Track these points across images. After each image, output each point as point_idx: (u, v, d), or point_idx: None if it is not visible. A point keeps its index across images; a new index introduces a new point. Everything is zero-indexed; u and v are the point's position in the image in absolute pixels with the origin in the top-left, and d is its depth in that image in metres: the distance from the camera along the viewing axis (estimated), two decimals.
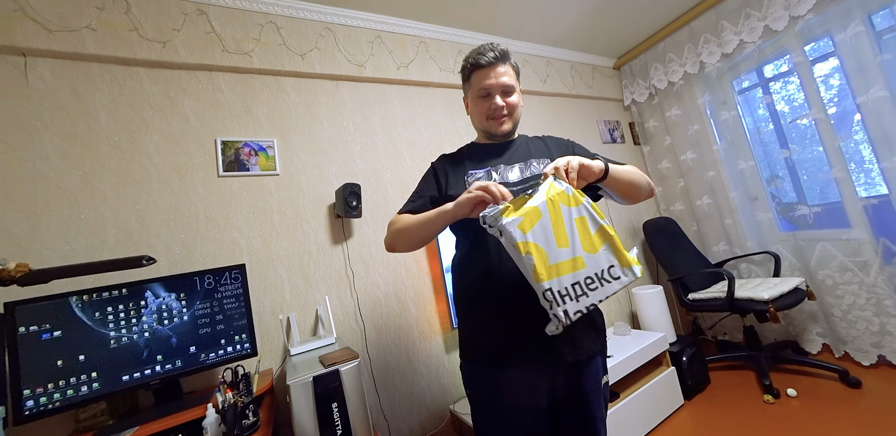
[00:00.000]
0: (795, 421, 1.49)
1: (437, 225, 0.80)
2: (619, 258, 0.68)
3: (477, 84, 0.88)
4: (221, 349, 1.18)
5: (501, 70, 0.86)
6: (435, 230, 0.83)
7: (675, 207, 2.67)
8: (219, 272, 1.22)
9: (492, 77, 0.85)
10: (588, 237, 0.67)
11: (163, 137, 1.38)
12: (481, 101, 0.89)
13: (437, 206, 0.82)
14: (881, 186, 1.75)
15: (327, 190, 1.64)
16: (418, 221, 0.83)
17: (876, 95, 1.67)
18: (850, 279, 1.85)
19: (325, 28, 1.75)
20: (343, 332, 1.53)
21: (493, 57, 0.85)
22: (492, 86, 0.86)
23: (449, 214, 0.76)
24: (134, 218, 1.29)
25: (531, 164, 0.89)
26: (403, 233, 0.87)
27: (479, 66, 0.86)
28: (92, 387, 0.99)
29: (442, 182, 0.92)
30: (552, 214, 0.65)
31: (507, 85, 0.86)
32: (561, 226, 0.66)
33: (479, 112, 0.90)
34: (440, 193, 0.91)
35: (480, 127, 0.95)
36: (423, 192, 0.93)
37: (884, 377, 1.69)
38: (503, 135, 0.93)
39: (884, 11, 1.70)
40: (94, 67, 1.32)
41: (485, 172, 0.89)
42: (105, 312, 1.05)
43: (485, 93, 0.87)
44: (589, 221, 0.68)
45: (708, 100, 2.36)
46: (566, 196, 0.68)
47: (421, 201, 0.91)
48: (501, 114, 0.89)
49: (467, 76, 0.90)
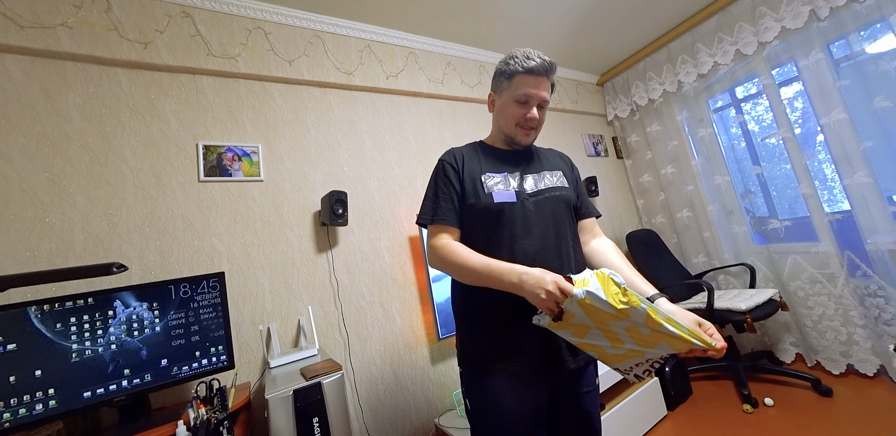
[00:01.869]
0: (773, 431, 1.52)
1: (490, 284, 0.75)
2: (678, 347, 0.66)
3: (519, 88, 0.85)
4: (196, 362, 1.11)
5: (546, 84, 0.86)
6: (486, 284, 0.77)
7: (657, 219, 2.75)
8: (195, 281, 1.17)
9: (538, 87, 0.85)
10: (643, 337, 0.67)
11: (140, 139, 1.33)
12: (516, 106, 0.87)
13: (460, 203, 0.85)
14: (843, 203, 1.85)
15: (313, 197, 1.61)
16: (475, 269, 0.77)
17: (836, 118, 1.78)
18: (820, 291, 1.93)
19: (315, 36, 1.75)
20: (326, 343, 1.48)
21: (543, 66, 0.84)
22: (535, 95, 0.85)
23: (507, 287, 0.72)
24: (105, 223, 1.22)
25: (545, 176, 0.91)
26: (453, 269, 0.82)
27: (528, 70, 0.84)
28: (48, 405, 0.92)
29: (458, 179, 0.89)
30: (597, 323, 0.67)
31: (545, 100, 0.86)
32: (613, 334, 0.68)
33: (511, 115, 0.88)
34: (459, 191, 0.88)
35: (505, 130, 0.91)
36: (448, 193, 0.88)
37: (852, 386, 1.76)
38: (523, 145, 0.93)
39: (840, 42, 1.83)
40: (69, 66, 1.27)
41: (502, 176, 0.88)
42: (67, 323, 0.98)
43: (524, 99, 0.85)
44: (641, 329, 0.66)
45: (686, 117, 2.47)
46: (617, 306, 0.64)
47: (448, 205, 0.86)
48: (533, 125, 0.88)
49: (510, 76, 0.86)
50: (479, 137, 1.05)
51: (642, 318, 0.64)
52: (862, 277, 1.80)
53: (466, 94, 2.19)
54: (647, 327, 0.65)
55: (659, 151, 2.64)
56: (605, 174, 2.81)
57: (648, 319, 0.63)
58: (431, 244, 0.85)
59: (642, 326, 0.65)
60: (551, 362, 0.78)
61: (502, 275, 0.72)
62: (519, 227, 0.82)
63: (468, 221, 0.86)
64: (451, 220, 0.85)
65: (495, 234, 0.82)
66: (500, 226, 0.82)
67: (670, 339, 0.64)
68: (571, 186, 0.94)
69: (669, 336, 0.64)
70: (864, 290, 1.80)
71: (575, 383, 0.84)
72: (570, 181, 0.94)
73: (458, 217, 0.86)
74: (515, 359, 0.78)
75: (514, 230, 0.82)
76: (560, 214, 0.87)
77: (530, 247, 0.81)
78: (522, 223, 0.82)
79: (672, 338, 0.64)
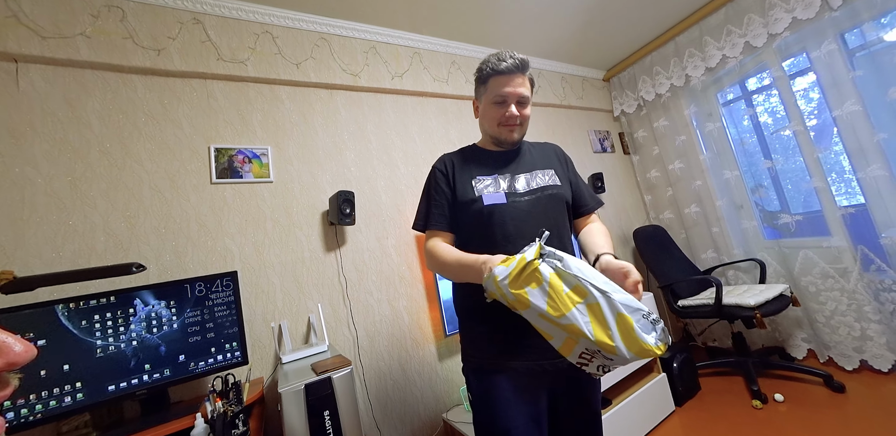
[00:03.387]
0: (783, 427, 1.51)
1: (467, 277, 0.78)
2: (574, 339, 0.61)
3: (494, 90, 0.88)
4: (211, 358, 1.16)
5: (519, 80, 0.87)
6: (464, 279, 0.80)
7: (665, 215, 2.72)
8: (210, 279, 1.21)
9: (510, 85, 0.86)
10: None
11: (155, 143, 1.38)
12: (495, 108, 0.89)
13: (452, 208, 0.87)
14: (860, 196, 1.81)
15: (321, 197, 1.64)
16: (451, 266, 0.82)
17: (850, 109, 1.74)
18: (832, 286, 1.90)
19: (321, 38, 1.78)
20: (335, 339, 1.52)
21: (513, 65, 0.86)
22: (509, 94, 0.87)
23: (476, 278, 0.74)
24: (124, 225, 1.27)
25: (536, 175, 0.92)
26: (439, 269, 0.87)
27: (499, 72, 0.86)
28: (76, 398, 0.97)
29: (450, 185, 0.92)
30: (519, 306, 0.63)
31: (523, 96, 0.88)
32: (542, 321, 0.63)
33: (492, 117, 0.91)
34: (451, 197, 0.91)
35: (490, 132, 0.95)
36: (439, 200, 0.92)
37: (866, 382, 1.73)
38: (511, 143, 0.95)
39: (856, 30, 1.79)
40: (87, 74, 1.32)
41: (492, 178, 0.91)
42: (92, 320, 1.03)
43: (501, 99, 0.88)
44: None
45: (694, 111, 2.44)
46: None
47: (439, 212, 0.91)
48: (514, 122, 0.90)
49: (484, 80, 0.90)
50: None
51: (539, 310, 0.59)
52: (876, 272, 1.76)
53: (472, 92, 2.18)
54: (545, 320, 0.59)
55: (666, 146, 2.62)
56: (612, 170, 2.78)
57: (543, 314, 0.59)
58: (425, 249, 0.90)
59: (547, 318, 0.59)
60: (550, 357, 0.78)
61: (471, 266, 0.75)
62: (510, 227, 0.84)
63: (462, 223, 0.88)
64: (442, 225, 0.90)
65: (488, 235, 0.85)
66: (492, 227, 0.84)
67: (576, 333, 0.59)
68: (565, 183, 0.94)
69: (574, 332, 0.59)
70: (878, 284, 1.76)
71: (575, 378, 0.84)
72: (564, 178, 0.95)
73: (449, 222, 0.90)
74: (514, 354, 0.80)
75: (506, 230, 0.84)
76: (554, 213, 0.88)
77: (523, 246, 0.82)
78: (514, 223, 0.84)
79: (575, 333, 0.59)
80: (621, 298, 0.59)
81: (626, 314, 0.58)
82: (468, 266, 0.76)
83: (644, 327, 0.58)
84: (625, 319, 0.57)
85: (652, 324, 0.58)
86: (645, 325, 0.58)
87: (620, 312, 0.58)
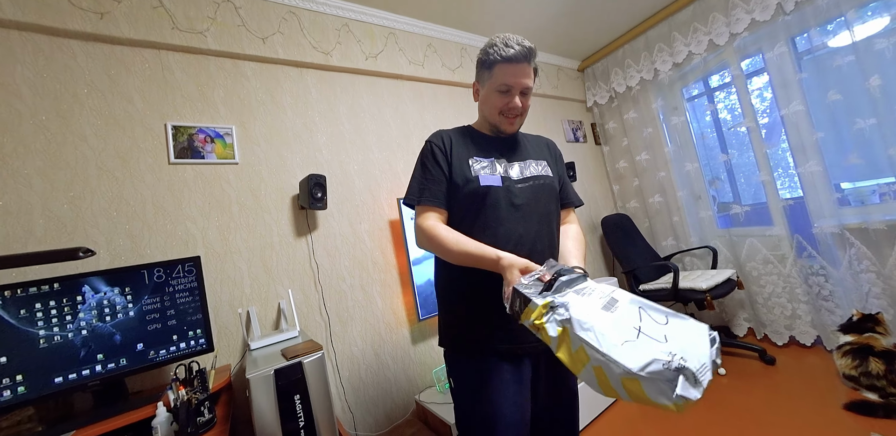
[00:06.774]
0: (724, 396, 1.68)
1: (473, 264, 0.77)
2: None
3: (500, 78, 0.84)
4: (173, 345, 1.11)
5: (527, 70, 0.85)
6: (470, 264, 0.78)
7: (631, 204, 2.86)
8: (170, 265, 1.14)
9: (517, 75, 0.84)
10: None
11: (102, 118, 1.26)
12: (499, 96, 0.87)
13: (447, 185, 0.86)
14: (800, 190, 1.99)
15: (290, 181, 1.58)
16: (457, 250, 0.78)
17: (795, 109, 1.89)
18: (771, 270, 2.09)
19: (289, 12, 1.67)
20: (307, 325, 1.49)
21: (522, 53, 0.82)
22: (516, 84, 0.84)
23: (487, 264, 0.73)
24: (67, 206, 1.17)
25: (530, 164, 0.92)
26: (437, 249, 0.83)
27: (506, 59, 0.82)
28: (17, 391, 0.90)
29: (447, 160, 0.89)
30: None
31: (528, 87, 0.86)
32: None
33: (493, 105, 0.88)
34: (447, 173, 0.88)
35: (490, 120, 0.92)
36: (435, 174, 0.88)
37: (793, 355, 1.95)
38: (508, 133, 0.94)
39: (805, 35, 1.92)
40: (14, 35, 1.17)
41: (489, 161, 0.89)
42: (32, 308, 0.95)
43: (505, 89, 0.85)
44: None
45: (661, 105, 2.54)
46: None
47: (434, 187, 0.87)
48: (516, 113, 0.88)
49: (489, 65, 0.86)
50: (459, 121, 1.06)
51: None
52: (807, 258, 1.96)
53: (448, 77, 2.16)
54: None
55: (635, 137, 2.72)
56: (584, 160, 2.87)
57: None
58: (418, 225, 0.85)
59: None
60: (532, 341, 0.79)
61: (484, 253, 0.74)
62: (504, 210, 0.84)
63: (455, 202, 0.87)
64: (437, 201, 0.86)
65: (481, 216, 0.84)
66: (486, 208, 0.84)
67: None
68: (555, 176, 0.96)
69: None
70: (808, 269, 1.96)
71: (555, 360, 0.86)
72: (554, 171, 0.96)
73: (445, 198, 0.87)
74: (497, 337, 0.81)
75: (499, 213, 0.84)
76: (545, 201, 0.89)
77: (514, 231, 0.83)
78: (507, 207, 0.84)
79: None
80: (628, 354, 0.51)
81: (633, 378, 0.50)
82: (478, 260, 0.74)
83: (656, 387, 0.49)
84: (633, 383, 0.50)
85: (675, 373, 0.48)
86: (658, 385, 0.49)
87: (625, 378, 0.51)
